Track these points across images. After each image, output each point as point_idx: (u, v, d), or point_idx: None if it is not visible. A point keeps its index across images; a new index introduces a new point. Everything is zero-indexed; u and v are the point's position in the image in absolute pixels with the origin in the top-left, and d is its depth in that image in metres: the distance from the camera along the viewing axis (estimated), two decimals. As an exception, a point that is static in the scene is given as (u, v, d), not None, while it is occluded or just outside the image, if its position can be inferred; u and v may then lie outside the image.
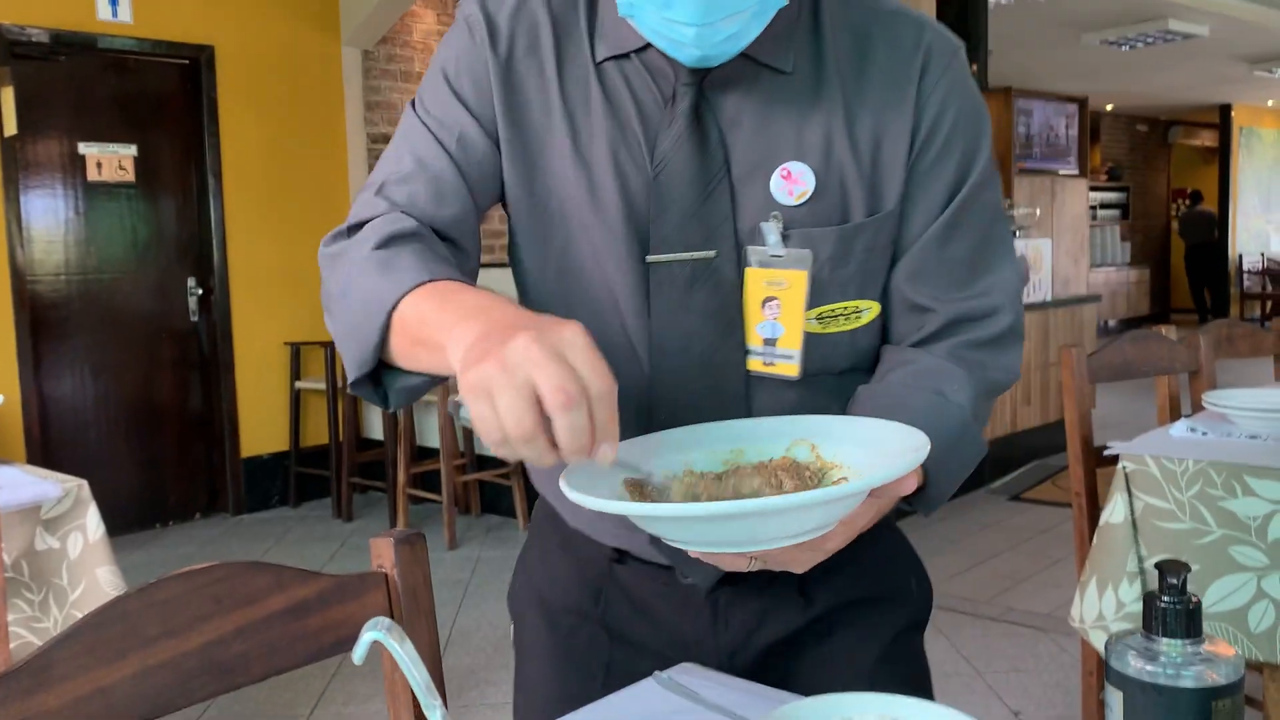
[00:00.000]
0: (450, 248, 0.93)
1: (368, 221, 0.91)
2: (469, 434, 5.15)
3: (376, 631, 0.58)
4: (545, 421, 0.65)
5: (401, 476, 4.86)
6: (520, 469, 4.87)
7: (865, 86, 0.94)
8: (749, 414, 0.95)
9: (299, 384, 5.50)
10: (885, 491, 0.80)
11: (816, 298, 0.94)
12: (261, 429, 5.50)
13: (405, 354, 0.82)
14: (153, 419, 5.20)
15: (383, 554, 0.98)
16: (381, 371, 0.87)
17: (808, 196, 0.93)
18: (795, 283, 0.92)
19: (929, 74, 0.95)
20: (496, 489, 5.18)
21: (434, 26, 6.26)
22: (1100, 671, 2.15)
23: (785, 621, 1.03)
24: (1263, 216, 15.49)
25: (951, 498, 1.01)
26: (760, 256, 0.93)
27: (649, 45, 0.93)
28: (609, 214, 0.94)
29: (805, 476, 0.82)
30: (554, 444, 0.66)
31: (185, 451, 5.31)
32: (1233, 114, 14.42)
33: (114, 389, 5.06)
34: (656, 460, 0.84)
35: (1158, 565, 0.63)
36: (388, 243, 0.87)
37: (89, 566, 2.03)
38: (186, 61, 5.19)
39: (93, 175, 4.96)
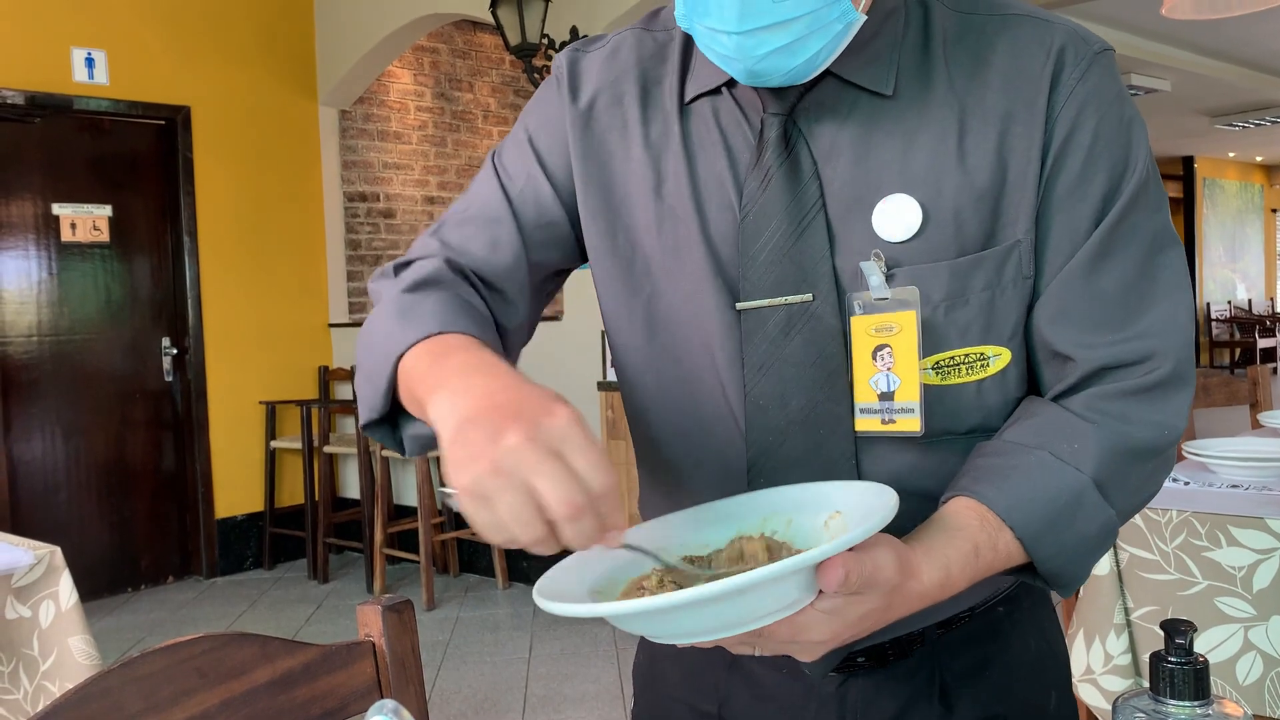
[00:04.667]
0: (496, 297, 0.91)
1: (416, 260, 0.91)
2: (447, 492, 5.10)
3: (383, 716, 0.56)
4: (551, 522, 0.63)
5: (379, 536, 4.80)
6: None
7: (986, 103, 0.83)
8: (858, 478, 0.85)
9: (274, 443, 5.44)
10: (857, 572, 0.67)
11: (932, 344, 0.83)
12: (236, 489, 5.43)
13: (408, 404, 0.80)
14: (125, 480, 5.12)
15: (370, 622, 0.96)
16: (399, 416, 0.85)
17: (914, 231, 0.82)
18: (905, 326, 0.82)
19: (1061, 82, 0.82)
20: (475, 547, 5.13)
21: (410, 86, 6.31)
22: (1090, 726, 2.13)
23: None
24: (1229, 266, 15.77)
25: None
26: (864, 301, 0.83)
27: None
28: (694, 260, 0.88)
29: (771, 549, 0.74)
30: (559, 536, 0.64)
31: (158, 513, 5.23)
32: (1195, 166, 14.72)
33: (86, 450, 4.99)
34: (684, 539, 0.79)
35: (1163, 625, 0.62)
36: (417, 288, 0.85)
37: (61, 636, 1.97)
38: (163, 122, 5.20)
39: (66, 236, 4.93)
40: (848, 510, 0.75)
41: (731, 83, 0.88)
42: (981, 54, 0.84)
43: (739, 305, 0.86)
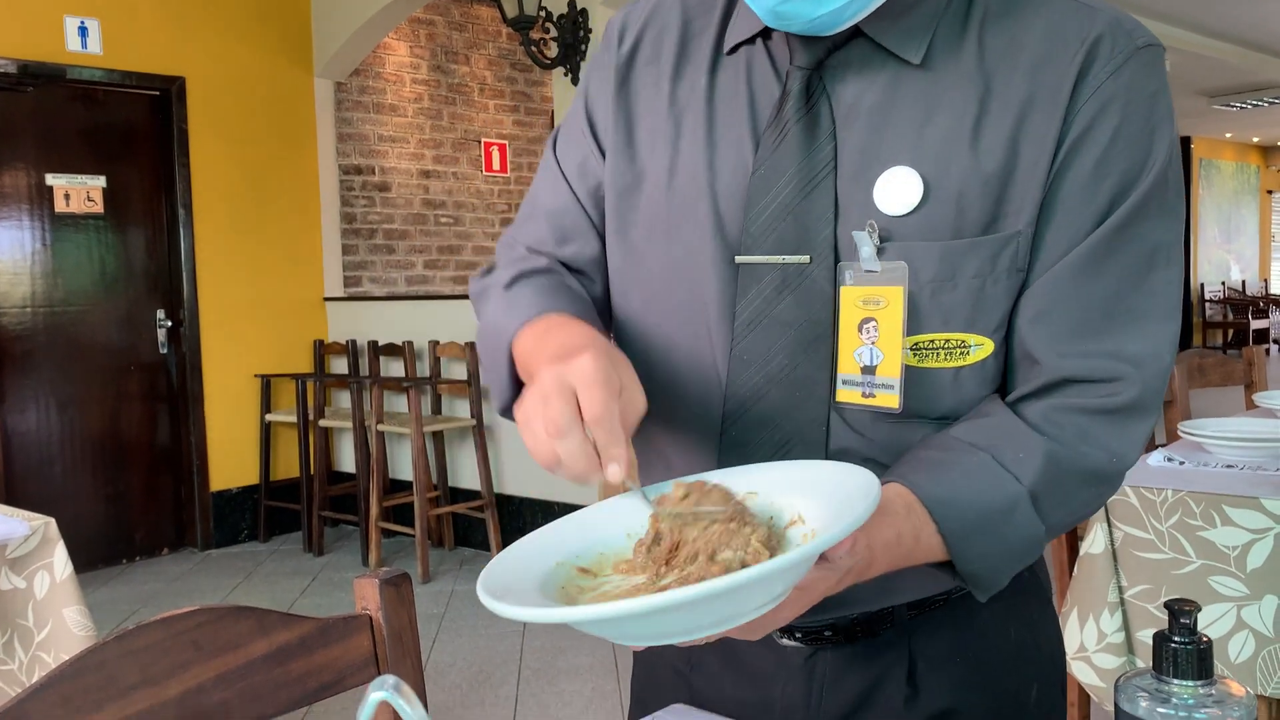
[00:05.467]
0: (580, 278, 0.97)
1: (503, 260, 0.98)
2: (442, 465, 5.11)
3: (384, 691, 0.56)
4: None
5: (374, 509, 4.80)
6: (493, 503, 4.83)
7: (1011, 86, 0.80)
8: (826, 446, 0.85)
9: (269, 416, 5.43)
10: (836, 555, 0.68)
11: (914, 324, 0.82)
12: (231, 462, 5.42)
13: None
14: (120, 453, 5.11)
15: (367, 595, 0.95)
16: None
17: (913, 206, 0.80)
18: (892, 301, 0.81)
19: (1091, 73, 0.79)
20: (470, 521, 5.13)
21: (406, 59, 6.26)
22: (1083, 703, 2.14)
23: (887, 715, 0.91)
24: (1223, 247, 15.76)
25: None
26: (855, 272, 0.82)
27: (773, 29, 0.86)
28: (700, 212, 0.88)
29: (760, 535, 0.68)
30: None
31: (153, 486, 5.22)
32: (1193, 146, 14.70)
33: (80, 423, 4.98)
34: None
35: (1167, 604, 0.62)
36: (515, 281, 0.93)
37: (56, 607, 1.97)
38: (157, 92, 5.15)
39: (60, 207, 4.90)
40: (814, 494, 0.72)
41: (767, 33, 0.88)
42: (1017, 35, 0.82)
43: (738, 259, 0.86)
